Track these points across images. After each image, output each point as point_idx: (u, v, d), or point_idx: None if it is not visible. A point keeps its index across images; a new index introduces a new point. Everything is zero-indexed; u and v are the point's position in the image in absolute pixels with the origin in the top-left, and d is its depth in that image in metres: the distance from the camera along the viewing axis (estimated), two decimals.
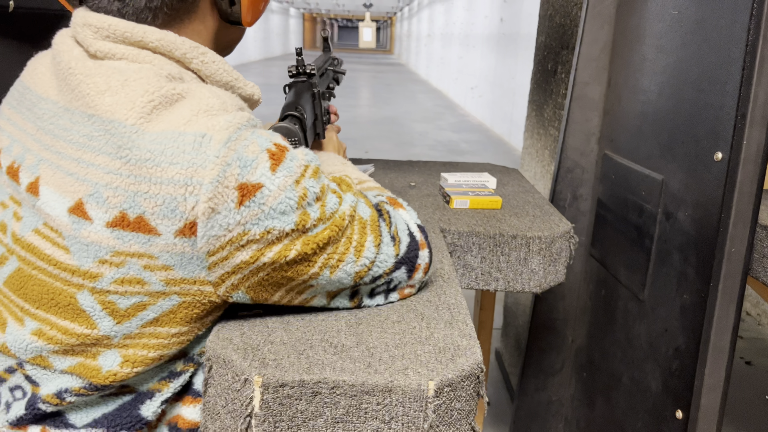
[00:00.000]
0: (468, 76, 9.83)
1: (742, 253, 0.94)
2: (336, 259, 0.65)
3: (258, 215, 0.59)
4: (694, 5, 1.04)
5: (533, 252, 1.12)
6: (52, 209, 0.61)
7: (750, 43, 0.90)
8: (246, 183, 0.58)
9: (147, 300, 0.62)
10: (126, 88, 0.60)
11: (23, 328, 0.65)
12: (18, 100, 0.69)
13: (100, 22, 0.63)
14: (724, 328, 0.96)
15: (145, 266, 0.60)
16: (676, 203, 1.06)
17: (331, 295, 0.70)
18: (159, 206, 0.57)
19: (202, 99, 0.61)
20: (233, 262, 0.60)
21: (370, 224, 0.69)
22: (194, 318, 0.65)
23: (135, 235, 0.58)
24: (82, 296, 0.61)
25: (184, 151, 0.57)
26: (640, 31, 1.23)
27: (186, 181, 0.57)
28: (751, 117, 0.90)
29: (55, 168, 0.61)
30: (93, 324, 0.62)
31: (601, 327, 1.37)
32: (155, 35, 0.64)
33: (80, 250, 0.60)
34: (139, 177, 0.57)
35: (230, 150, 0.58)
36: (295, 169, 0.61)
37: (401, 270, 0.73)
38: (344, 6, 25.22)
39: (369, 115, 8.35)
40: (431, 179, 1.48)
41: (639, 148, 1.21)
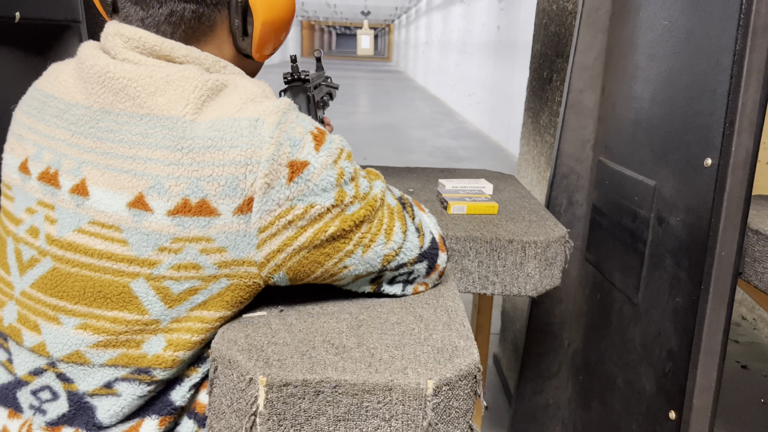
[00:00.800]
0: (466, 83, 9.88)
1: (732, 257, 0.96)
2: (369, 239, 0.71)
3: (304, 191, 0.65)
4: (684, 15, 1.06)
5: (529, 256, 1.14)
6: (108, 206, 0.65)
7: (738, 52, 0.92)
8: (295, 160, 0.65)
9: (199, 284, 0.66)
10: (173, 86, 0.65)
11: (61, 326, 0.67)
12: (39, 109, 0.72)
13: (132, 33, 0.68)
14: (716, 330, 0.98)
15: (202, 250, 0.64)
16: (669, 208, 1.09)
17: (358, 278, 0.75)
18: (222, 186, 0.63)
19: (247, 88, 0.67)
20: (279, 239, 0.66)
21: (397, 212, 0.76)
22: (238, 301, 0.70)
23: (196, 219, 0.63)
24: (136, 284, 0.65)
25: (242, 135, 0.63)
26: (632, 40, 1.26)
27: (246, 160, 0.63)
28: (740, 124, 0.93)
29: (103, 168, 0.65)
30: (144, 310, 0.66)
31: (596, 330, 1.39)
32: (182, 51, 0.69)
33: (140, 241, 0.64)
34: (202, 163, 0.63)
35: (281, 131, 0.64)
36: (334, 150, 0.68)
37: (423, 264, 0.79)
38: (342, 14, 25.34)
39: (368, 122, 8.38)
40: (429, 185, 1.50)
41: (632, 155, 1.24)
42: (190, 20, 0.70)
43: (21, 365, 0.70)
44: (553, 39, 1.83)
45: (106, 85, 0.67)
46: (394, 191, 0.81)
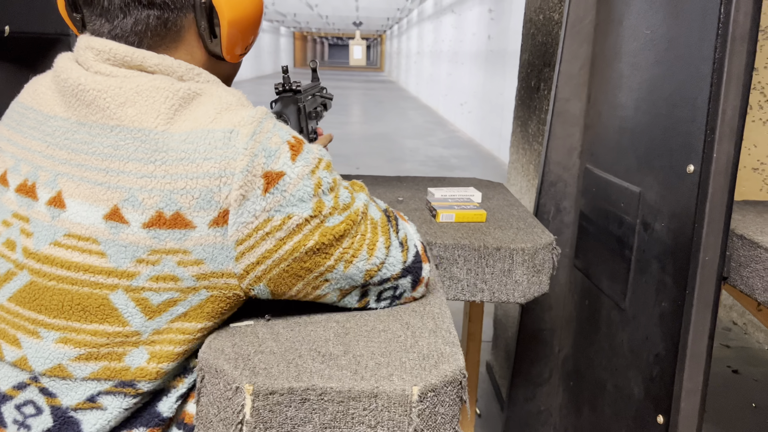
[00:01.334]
0: (457, 92, 9.93)
1: (715, 262, 0.97)
2: (350, 254, 0.71)
3: (280, 202, 0.65)
4: (665, 25, 1.08)
5: (517, 263, 1.15)
6: (84, 218, 0.64)
7: (717, 61, 0.94)
8: (271, 171, 0.64)
9: (178, 296, 0.66)
10: (143, 96, 0.65)
11: (41, 341, 0.67)
12: (18, 121, 0.72)
13: (102, 45, 0.68)
14: (701, 334, 0.99)
15: (179, 262, 0.64)
16: (653, 214, 1.10)
17: (343, 293, 0.75)
18: (196, 199, 0.63)
19: (221, 97, 0.67)
20: (258, 251, 0.65)
21: (381, 226, 0.75)
22: (219, 313, 0.69)
23: (171, 232, 0.63)
24: (115, 296, 0.65)
25: (216, 147, 0.63)
26: (616, 49, 1.28)
27: (220, 172, 0.63)
28: (720, 131, 0.95)
29: (78, 180, 0.65)
30: (124, 321, 0.66)
31: (586, 336, 1.40)
32: (154, 60, 0.69)
33: (118, 253, 0.64)
34: (175, 176, 0.63)
35: (256, 142, 0.64)
36: (311, 160, 0.67)
37: (407, 278, 0.78)
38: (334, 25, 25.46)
39: (360, 132, 8.41)
40: (419, 194, 1.51)
41: (618, 162, 1.26)
42: (155, 27, 0.69)
43: (4, 380, 0.70)
44: (540, 48, 1.85)
45: (79, 98, 0.67)
46: (379, 203, 0.80)
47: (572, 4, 1.43)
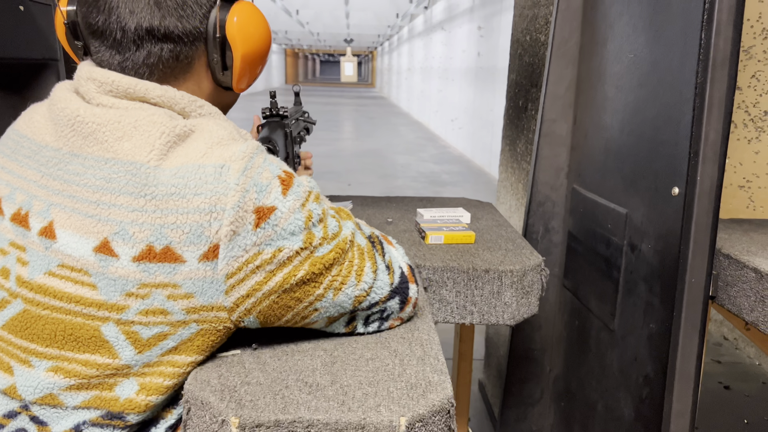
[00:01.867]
0: (448, 108, 9.99)
1: (702, 283, 0.98)
2: (339, 281, 0.71)
3: (271, 236, 0.65)
4: (648, 49, 1.10)
5: (506, 285, 1.16)
6: (75, 250, 0.64)
7: (699, 85, 0.96)
8: (262, 206, 0.64)
9: (168, 330, 0.66)
10: (140, 131, 0.65)
11: (33, 369, 0.67)
12: (13, 149, 0.73)
13: (104, 77, 0.68)
14: (689, 356, 0.99)
15: (169, 296, 0.64)
16: (640, 236, 1.11)
17: (331, 320, 0.75)
18: (186, 234, 0.63)
19: (212, 132, 0.67)
20: (248, 284, 0.65)
21: (366, 252, 0.75)
22: (209, 346, 0.69)
23: (161, 266, 0.63)
24: (106, 328, 0.65)
25: (207, 182, 0.63)
26: (601, 71, 1.30)
27: (210, 208, 0.63)
28: (704, 154, 0.96)
29: (69, 211, 0.65)
30: (115, 354, 0.65)
31: (576, 356, 1.40)
32: (157, 91, 0.69)
33: (108, 285, 0.64)
34: (165, 210, 0.63)
35: (247, 177, 0.64)
36: (302, 194, 0.68)
37: (395, 300, 0.79)
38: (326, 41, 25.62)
39: (352, 148, 8.43)
40: (408, 215, 1.52)
41: (604, 183, 1.27)
42: (168, 60, 0.70)
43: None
44: (527, 69, 1.87)
45: (76, 129, 0.67)
46: (364, 229, 0.81)
47: (558, 27, 1.45)
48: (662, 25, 1.06)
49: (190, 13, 0.70)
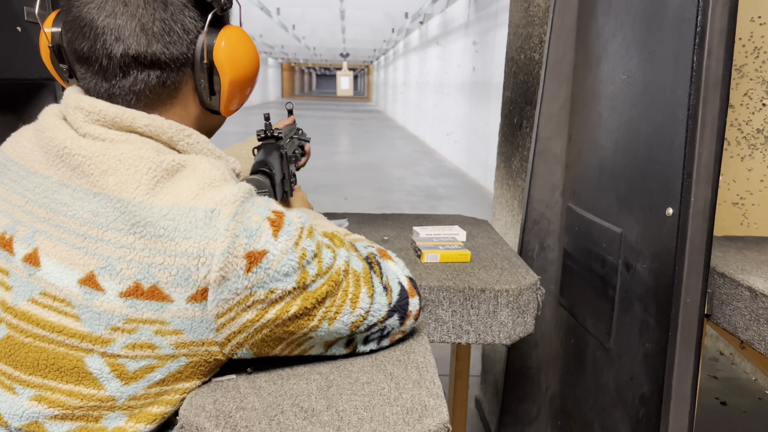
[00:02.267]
0: (443, 122, 10.04)
1: (696, 303, 0.98)
2: (334, 311, 0.71)
3: (264, 279, 0.64)
4: (641, 70, 1.11)
5: (502, 305, 1.16)
6: (59, 280, 0.63)
7: (691, 107, 0.97)
8: (253, 251, 0.63)
9: (156, 363, 0.65)
10: (125, 165, 0.64)
11: (17, 396, 0.66)
12: (0, 171, 0.72)
13: (91, 106, 0.67)
14: (685, 376, 0.99)
15: (157, 331, 0.63)
16: (635, 255, 1.12)
17: (329, 345, 0.75)
18: (173, 276, 0.62)
19: (205, 172, 0.66)
20: (239, 321, 0.65)
21: (363, 276, 0.75)
22: (200, 374, 0.69)
23: (148, 303, 0.62)
24: (90, 359, 0.64)
25: (197, 226, 0.62)
26: (594, 91, 1.31)
27: (199, 253, 0.62)
28: (697, 174, 0.97)
29: (55, 240, 0.64)
30: (100, 385, 0.65)
31: (572, 375, 1.39)
32: (144, 120, 0.68)
33: (92, 318, 0.63)
34: (153, 250, 0.62)
35: (237, 222, 0.63)
36: (294, 232, 0.67)
37: (394, 317, 0.79)
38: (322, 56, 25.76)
39: (348, 162, 8.45)
40: (404, 233, 1.52)
41: (599, 202, 1.27)
42: (155, 86, 0.70)
43: None
44: (522, 87, 1.88)
45: (64, 160, 0.66)
46: (361, 251, 0.80)
47: (552, 46, 1.46)
48: (655, 47, 1.07)
49: (177, 39, 0.69)
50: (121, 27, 0.67)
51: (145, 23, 0.68)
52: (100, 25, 0.67)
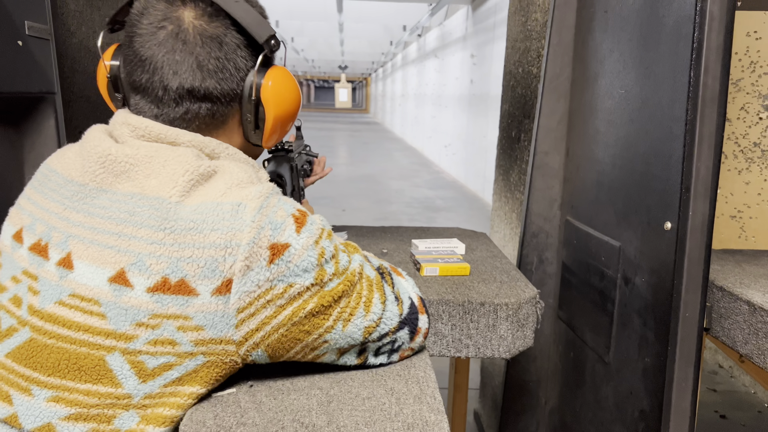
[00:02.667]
0: (442, 134, 10.07)
1: (695, 317, 0.99)
2: (348, 312, 0.73)
3: (284, 272, 0.67)
4: (638, 86, 1.12)
5: (501, 318, 1.16)
6: (89, 280, 0.66)
7: (689, 122, 0.97)
8: (276, 243, 0.66)
9: (174, 360, 0.67)
10: (167, 169, 0.69)
11: (33, 398, 0.67)
12: (41, 181, 0.75)
13: (138, 123, 0.73)
14: (684, 390, 0.99)
15: (179, 327, 0.65)
16: (633, 269, 1.12)
17: (341, 352, 0.76)
18: (201, 268, 0.65)
19: (233, 174, 0.71)
20: (258, 318, 0.67)
21: (375, 283, 0.77)
22: (213, 378, 0.70)
23: (174, 298, 0.65)
24: (111, 357, 0.66)
25: (224, 218, 0.66)
26: (592, 106, 1.32)
27: (226, 243, 0.65)
28: (695, 190, 0.97)
29: (88, 243, 0.67)
30: (118, 383, 0.66)
31: (571, 389, 1.39)
32: (186, 137, 0.74)
33: (118, 315, 0.65)
34: (183, 244, 0.65)
35: (263, 215, 0.67)
36: (315, 231, 0.70)
37: (404, 330, 0.80)
38: (320, 68, 25.88)
39: (346, 173, 8.46)
40: (403, 246, 1.52)
41: (597, 216, 1.28)
42: (204, 117, 0.75)
43: None
44: (520, 100, 1.90)
45: (106, 167, 0.70)
46: (372, 261, 0.83)
47: (549, 60, 1.47)
48: (652, 63, 1.08)
49: (229, 76, 0.75)
50: (179, 62, 0.72)
51: (201, 60, 0.73)
52: (159, 60, 0.72)
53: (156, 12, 0.73)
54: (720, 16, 0.95)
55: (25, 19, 1.23)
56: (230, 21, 0.75)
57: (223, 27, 0.74)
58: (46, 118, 1.31)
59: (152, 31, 0.73)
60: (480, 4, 7.43)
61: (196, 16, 0.73)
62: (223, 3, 0.74)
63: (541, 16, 1.73)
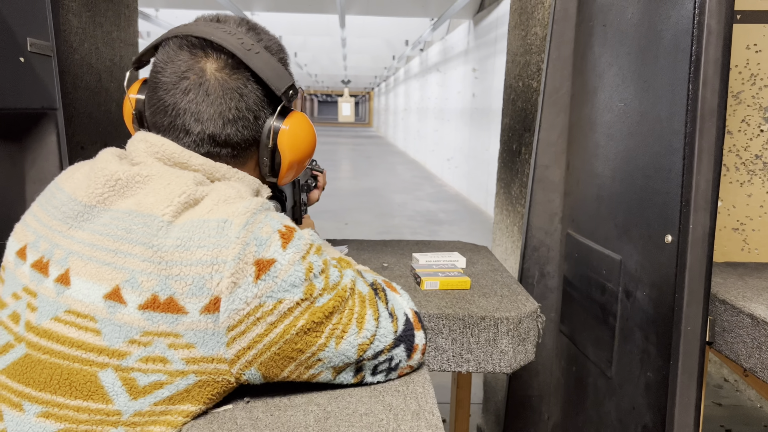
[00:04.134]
0: (444, 147, 10.10)
1: (697, 331, 0.98)
2: (340, 329, 0.72)
3: (272, 288, 0.67)
4: (637, 99, 1.12)
5: (502, 332, 1.15)
6: (85, 296, 0.66)
7: (688, 135, 0.97)
8: (262, 259, 0.67)
9: (165, 378, 0.66)
10: (167, 190, 0.70)
11: (23, 414, 0.67)
12: (48, 199, 0.77)
13: (156, 140, 0.76)
14: (687, 406, 0.98)
15: (170, 345, 0.65)
16: (635, 283, 1.11)
17: (337, 371, 0.76)
18: (189, 286, 0.65)
19: (221, 191, 0.72)
20: (249, 336, 0.67)
21: (368, 299, 0.77)
22: (205, 397, 0.70)
23: (164, 316, 0.65)
24: (104, 374, 0.66)
25: (210, 235, 0.66)
26: (592, 119, 1.32)
27: (212, 260, 0.65)
28: (695, 203, 0.97)
29: (86, 259, 0.68)
30: (109, 399, 0.66)
31: (573, 404, 1.38)
32: (198, 160, 0.76)
33: (112, 332, 0.65)
34: (170, 262, 0.65)
35: (248, 231, 0.67)
36: (302, 247, 0.70)
37: (400, 348, 0.79)
38: (324, 82, 26.04)
39: (349, 187, 8.48)
40: (404, 259, 1.52)
41: (598, 229, 1.27)
42: (225, 157, 0.79)
43: None
44: (520, 114, 1.90)
45: (113, 188, 0.71)
46: (366, 277, 0.82)
47: (549, 75, 1.48)
48: (650, 77, 1.08)
49: (248, 124, 0.79)
50: (201, 112, 0.76)
51: (223, 110, 0.77)
52: (182, 107, 0.76)
53: (180, 62, 0.77)
54: (718, 30, 0.95)
55: (27, 36, 1.24)
56: (250, 73, 0.78)
57: (243, 79, 0.78)
58: (47, 134, 1.31)
59: (175, 81, 0.76)
60: (481, 18, 7.48)
61: (217, 68, 0.77)
62: (243, 56, 0.77)
63: (541, 31, 1.74)
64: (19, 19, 1.22)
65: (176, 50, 0.78)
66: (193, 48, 0.77)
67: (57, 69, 1.33)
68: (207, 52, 0.77)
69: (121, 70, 1.92)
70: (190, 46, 0.77)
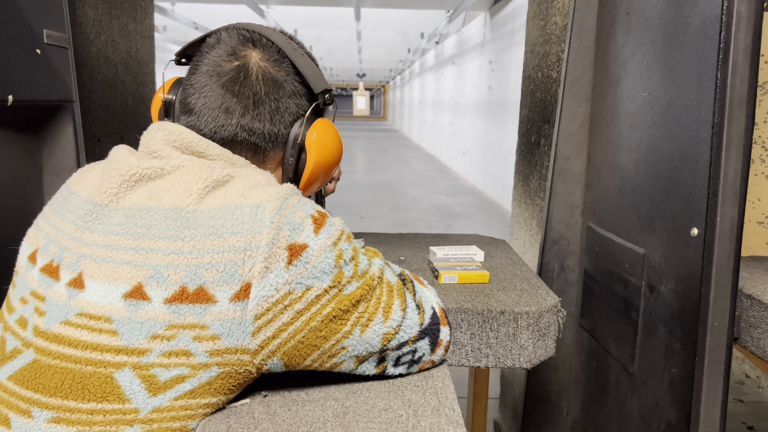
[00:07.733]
0: (459, 141, 10.04)
1: (724, 327, 0.95)
2: (366, 317, 0.71)
3: (303, 274, 0.66)
4: (663, 88, 1.09)
5: (521, 327, 1.13)
6: (101, 298, 0.66)
7: (716, 125, 0.94)
8: (294, 243, 0.66)
9: (188, 372, 0.65)
10: (184, 182, 0.70)
11: (33, 420, 0.66)
12: (60, 202, 0.76)
13: (174, 128, 0.75)
14: (713, 403, 0.96)
15: (195, 337, 0.65)
16: (659, 277, 1.09)
17: (360, 360, 0.74)
18: (220, 273, 0.64)
19: (250, 176, 0.71)
20: (275, 324, 0.66)
21: (396, 289, 0.76)
22: (226, 389, 0.69)
23: (191, 307, 0.64)
24: (120, 374, 0.65)
25: (243, 222, 0.66)
26: (614, 109, 1.29)
27: (245, 246, 0.65)
28: (723, 195, 0.94)
29: (100, 261, 0.67)
30: (125, 399, 0.65)
31: (594, 400, 1.36)
32: (216, 150, 0.75)
33: (131, 330, 0.64)
34: (202, 251, 0.65)
35: (282, 216, 0.67)
36: (334, 233, 0.70)
37: (425, 341, 0.78)
38: (339, 76, 26.03)
39: (364, 181, 8.47)
40: (420, 253, 1.50)
41: (620, 222, 1.25)
42: (246, 149, 0.78)
43: None
44: (539, 105, 1.87)
45: (130, 187, 0.71)
46: (394, 268, 0.81)
47: (570, 64, 1.45)
48: (676, 65, 1.05)
49: (280, 118, 0.79)
50: (236, 94, 0.77)
51: (258, 98, 0.77)
52: (218, 89, 0.77)
53: (226, 46, 0.78)
54: (748, 15, 0.92)
55: (43, 28, 1.24)
56: (292, 69, 0.80)
57: (284, 73, 0.79)
58: (64, 126, 1.31)
59: (219, 63, 0.77)
60: (498, 10, 7.41)
61: (262, 59, 0.78)
62: (289, 52, 0.79)
63: (561, 20, 1.70)
64: (36, 11, 1.22)
65: (226, 37, 0.80)
66: (242, 38, 0.79)
67: (73, 61, 1.33)
68: (255, 43, 0.79)
69: (138, 63, 1.92)
70: (239, 36, 0.80)
